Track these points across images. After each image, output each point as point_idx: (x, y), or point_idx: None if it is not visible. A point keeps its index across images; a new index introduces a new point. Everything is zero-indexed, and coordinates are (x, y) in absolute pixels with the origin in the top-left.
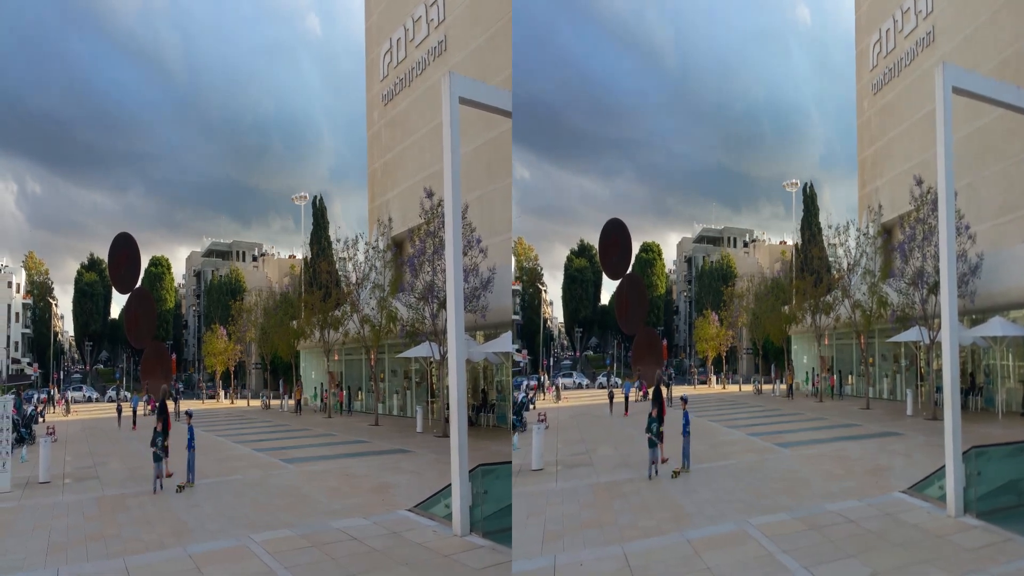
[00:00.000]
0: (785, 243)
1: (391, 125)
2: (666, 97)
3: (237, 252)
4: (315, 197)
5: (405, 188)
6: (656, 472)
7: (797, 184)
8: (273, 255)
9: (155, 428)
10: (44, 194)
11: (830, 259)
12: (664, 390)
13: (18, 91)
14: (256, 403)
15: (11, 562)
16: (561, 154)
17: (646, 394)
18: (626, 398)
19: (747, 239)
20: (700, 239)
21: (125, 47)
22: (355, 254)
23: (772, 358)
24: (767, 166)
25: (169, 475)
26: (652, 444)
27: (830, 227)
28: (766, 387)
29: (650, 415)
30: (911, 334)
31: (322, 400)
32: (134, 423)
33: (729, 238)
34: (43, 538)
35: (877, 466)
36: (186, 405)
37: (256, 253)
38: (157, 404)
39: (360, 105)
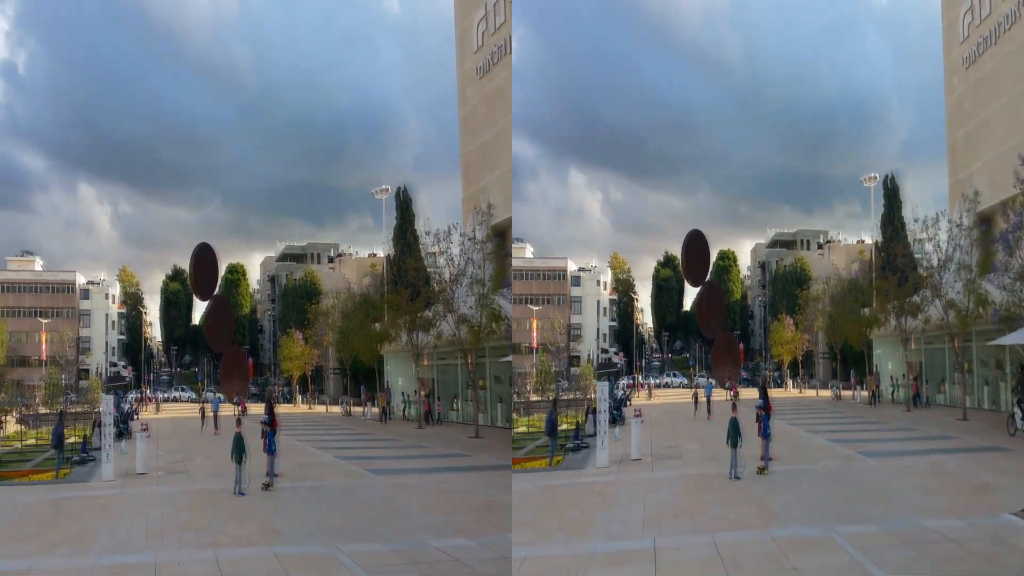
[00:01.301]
0: (863, 242)
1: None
2: (737, 108)
3: (312, 254)
4: (398, 189)
5: None
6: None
7: (876, 178)
8: (351, 254)
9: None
10: (134, 214)
11: (916, 256)
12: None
13: (109, 123)
14: (336, 409)
15: (116, 544)
16: (648, 176)
17: (736, 395)
18: (708, 400)
19: (821, 240)
20: (773, 244)
21: (200, 68)
22: (448, 247)
23: (851, 363)
24: (841, 164)
25: (277, 475)
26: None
27: (916, 221)
28: (845, 393)
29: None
30: (1018, 336)
31: (414, 408)
32: (216, 425)
33: (802, 241)
34: (142, 525)
35: (981, 484)
36: (258, 410)
37: (332, 254)
38: (245, 406)
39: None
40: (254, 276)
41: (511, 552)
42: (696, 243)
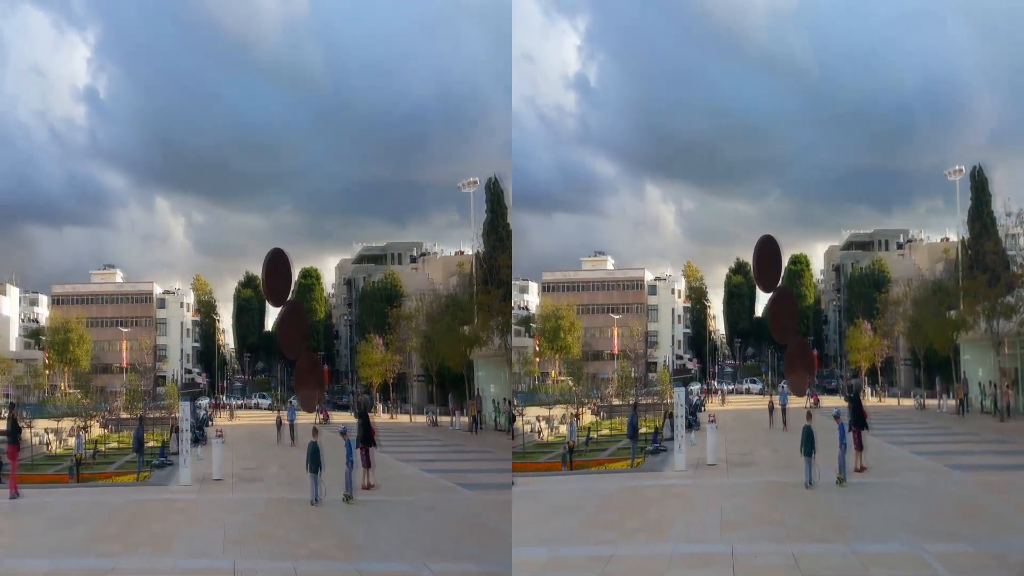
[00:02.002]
0: (948, 240)
1: None
2: (807, 108)
3: (392, 255)
4: (973, 168)
5: None
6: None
7: (962, 171)
8: (435, 253)
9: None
10: (206, 223)
11: (1009, 252)
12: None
13: (183, 137)
14: (420, 419)
15: (195, 549)
16: (719, 184)
17: (816, 402)
18: (783, 409)
19: (901, 240)
20: (848, 245)
21: (270, 73)
22: None
23: (936, 369)
24: (922, 157)
25: (372, 485)
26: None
27: (1008, 215)
28: (930, 402)
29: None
30: None
31: (993, 402)
32: (292, 437)
33: (880, 241)
34: (220, 531)
35: None
36: (339, 419)
37: (415, 253)
38: (327, 414)
39: None
40: (329, 280)
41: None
42: (767, 248)
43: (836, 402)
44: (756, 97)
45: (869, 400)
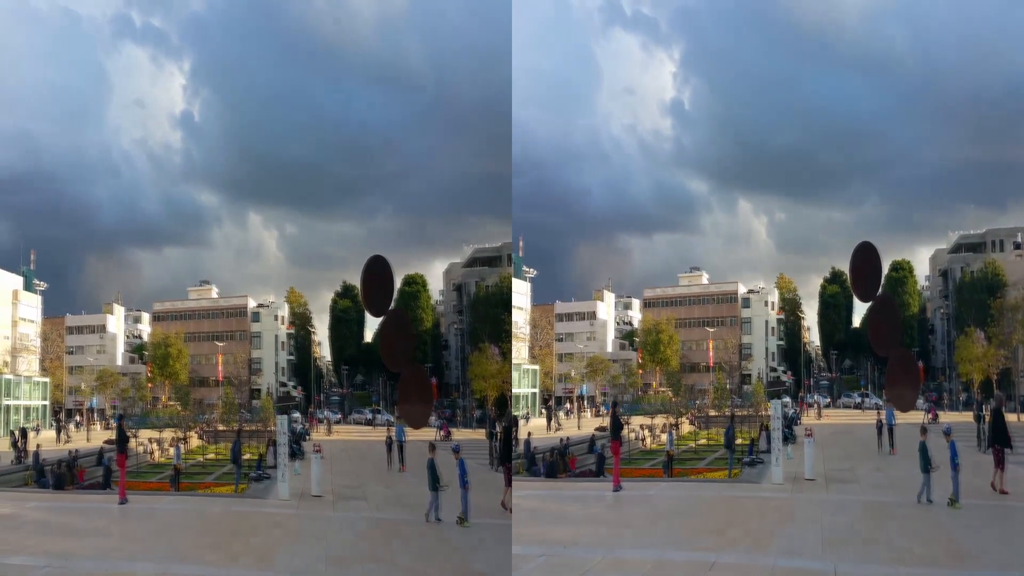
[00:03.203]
0: None
1: None
2: (908, 105)
3: (993, 242)
4: None
5: None
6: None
7: None
8: None
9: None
10: (299, 234)
11: None
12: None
13: (272, 150)
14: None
15: (295, 565)
16: (811, 193)
17: (935, 417)
18: (891, 429)
19: (1020, 239)
20: (957, 248)
21: (369, 75)
22: None
23: None
24: None
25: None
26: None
27: None
28: None
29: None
30: None
31: None
32: (402, 460)
33: (994, 242)
34: (322, 549)
35: None
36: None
37: (1020, 240)
38: (448, 430)
39: None
40: (435, 287)
41: None
42: (865, 256)
43: (946, 417)
44: (851, 99)
45: (984, 414)
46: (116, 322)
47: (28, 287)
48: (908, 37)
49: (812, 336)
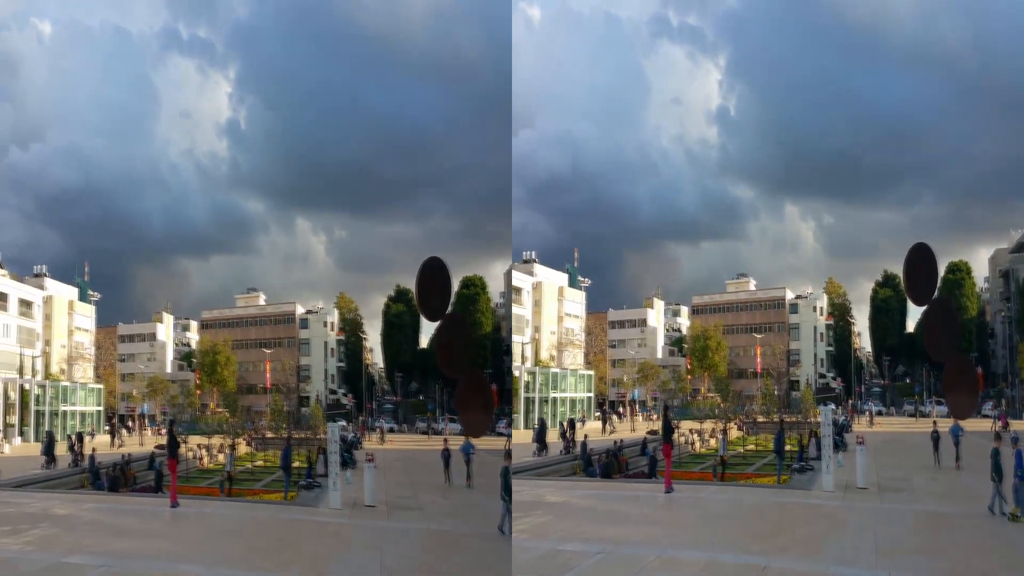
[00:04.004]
0: None
1: None
2: (963, 99)
3: None
4: None
5: None
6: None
7: None
8: None
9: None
10: (349, 238)
11: None
12: None
13: (319, 157)
14: None
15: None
16: (861, 195)
17: (1006, 425)
18: (956, 446)
19: None
20: (1018, 248)
21: (423, 71)
22: None
23: None
24: None
25: None
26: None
27: None
28: None
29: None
30: None
31: None
32: (469, 476)
33: None
34: (376, 560)
35: None
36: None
37: None
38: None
39: None
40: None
41: None
42: (919, 257)
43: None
44: (902, 96)
45: None
46: (165, 330)
47: (83, 298)
48: (962, 29)
49: (863, 342)
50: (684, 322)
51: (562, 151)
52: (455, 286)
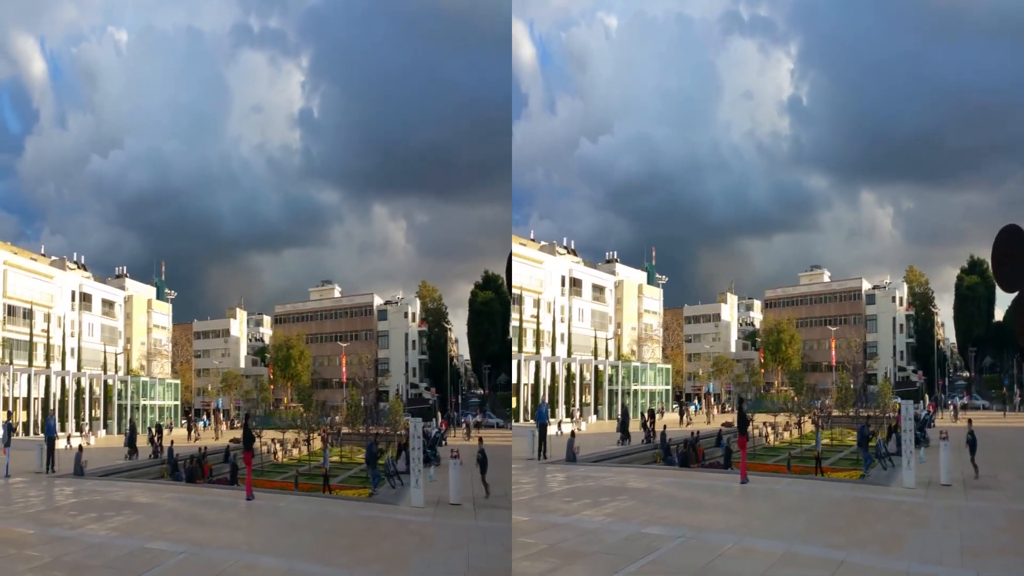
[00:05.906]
0: None
1: None
2: None
3: None
4: None
5: None
6: None
7: None
8: None
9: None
10: (429, 223)
11: None
12: None
13: (400, 140)
14: None
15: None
16: (943, 177)
17: None
18: None
19: None
20: None
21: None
22: None
23: None
24: None
25: None
26: None
27: None
28: None
29: None
30: None
31: None
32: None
33: None
34: (463, 559)
35: None
36: None
37: None
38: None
39: None
40: None
41: None
42: (1010, 240)
43: None
44: (985, 70)
45: None
46: (239, 326)
47: (160, 296)
48: None
49: (947, 332)
50: (757, 316)
51: (639, 155)
52: None
